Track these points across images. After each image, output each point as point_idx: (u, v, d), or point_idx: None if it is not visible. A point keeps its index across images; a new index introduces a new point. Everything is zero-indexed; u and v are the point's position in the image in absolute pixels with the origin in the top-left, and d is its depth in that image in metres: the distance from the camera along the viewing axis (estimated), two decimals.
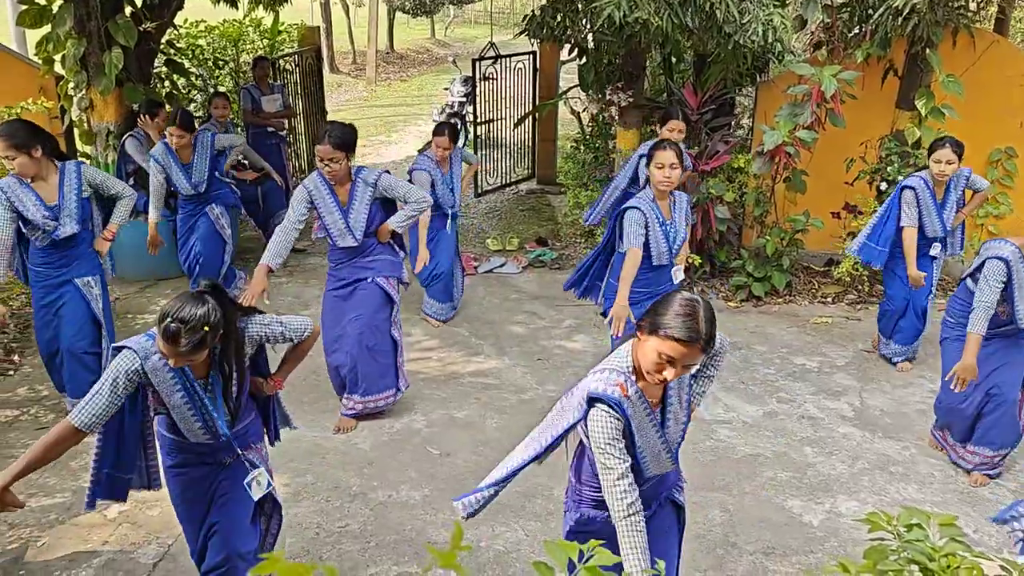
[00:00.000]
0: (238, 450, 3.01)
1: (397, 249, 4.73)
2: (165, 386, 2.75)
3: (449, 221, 6.12)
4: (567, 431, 2.53)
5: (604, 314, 4.61)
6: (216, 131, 6.82)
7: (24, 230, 4.37)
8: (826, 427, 4.84)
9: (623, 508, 2.36)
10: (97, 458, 2.94)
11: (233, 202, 6.32)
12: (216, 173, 6.08)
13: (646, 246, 4.32)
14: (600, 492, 2.52)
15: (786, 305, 6.57)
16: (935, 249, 5.24)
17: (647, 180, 4.42)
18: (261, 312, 3.01)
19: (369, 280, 4.59)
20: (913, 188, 5.09)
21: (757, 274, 6.52)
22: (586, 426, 2.44)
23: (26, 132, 4.22)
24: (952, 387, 4.07)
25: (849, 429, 4.82)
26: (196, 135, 5.89)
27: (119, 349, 2.72)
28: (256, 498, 3.04)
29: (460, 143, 6.16)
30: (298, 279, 7.09)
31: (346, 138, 4.32)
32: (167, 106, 6.52)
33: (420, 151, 6.65)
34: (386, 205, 4.57)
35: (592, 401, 2.41)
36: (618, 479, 2.37)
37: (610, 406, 2.38)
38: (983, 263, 4.02)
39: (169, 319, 2.55)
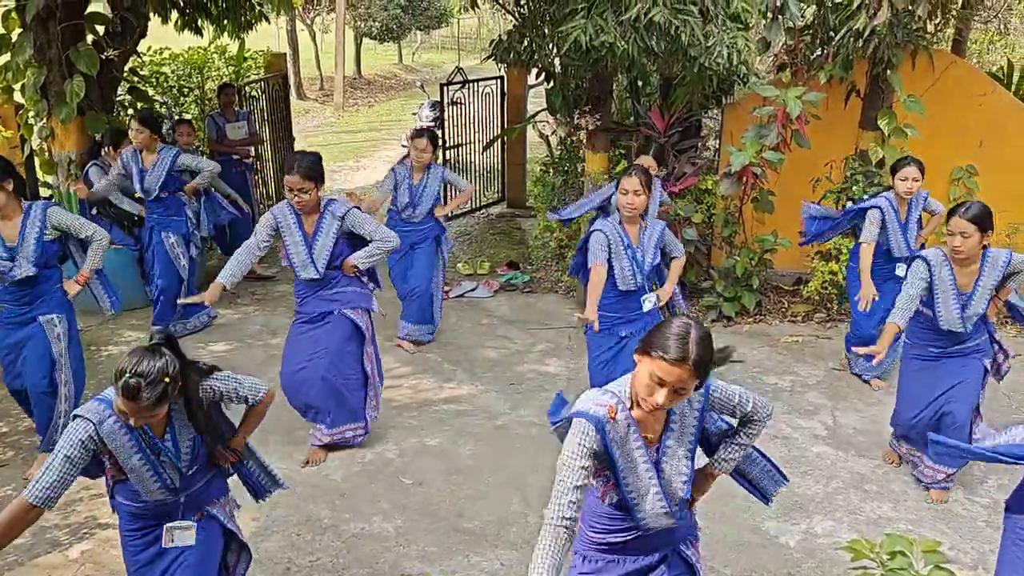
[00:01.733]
0: (203, 509, 2.91)
1: (367, 281, 4.66)
2: (122, 450, 2.62)
3: (428, 243, 6.08)
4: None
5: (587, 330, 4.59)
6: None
7: None
8: (800, 447, 4.84)
9: (555, 518, 2.25)
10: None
11: (185, 232, 6.25)
12: (176, 194, 6.15)
13: (610, 269, 4.35)
14: (602, 534, 2.51)
15: (756, 325, 6.60)
16: (900, 269, 5.29)
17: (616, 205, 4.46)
18: (218, 369, 2.89)
19: (335, 313, 4.51)
20: (880, 208, 5.15)
21: (727, 294, 6.55)
22: None
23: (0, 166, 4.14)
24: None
25: (823, 448, 4.83)
26: (161, 148, 6.02)
27: (74, 418, 2.60)
28: (165, 545, 2.86)
29: (441, 164, 6.08)
30: (266, 307, 6.99)
31: (315, 168, 4.26)
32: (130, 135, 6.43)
33: (400, 161, 6.60)
34: (353, 240, 4.48)
35: (574, 417, 2.37)
36: (563, 493, 2.27)
37: (588, 422, 2.33)
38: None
39: (128, 375, 2.45)
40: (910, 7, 5.32)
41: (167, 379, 2.51)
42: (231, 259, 4.38)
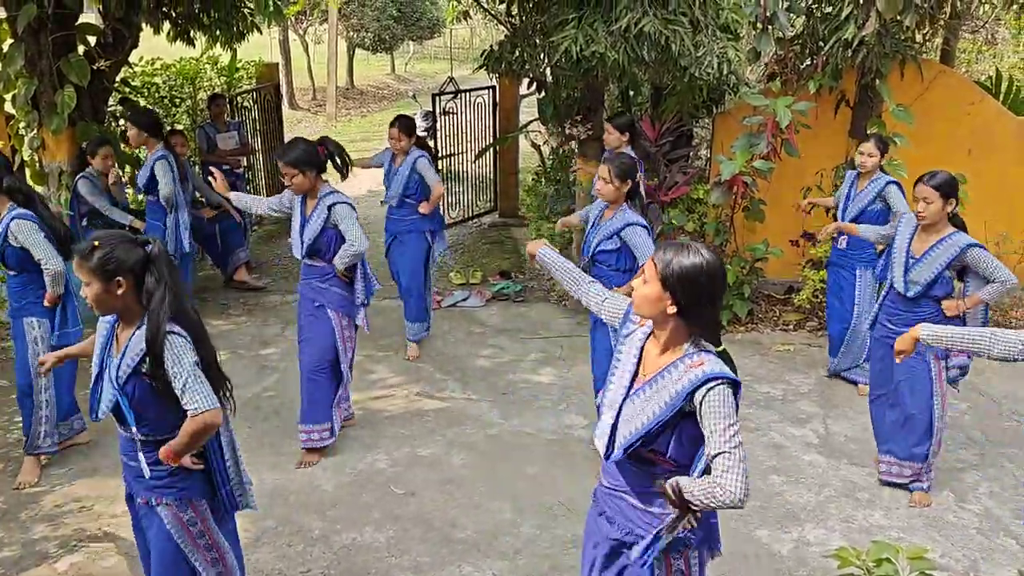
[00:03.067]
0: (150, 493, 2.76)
1: (358, 290, 4.69)
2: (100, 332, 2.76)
3: (412, 236, 6.10)
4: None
5: None
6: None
7: None
8: (792, 455, 4.85)
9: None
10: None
11: (158, 236, 6.31)
12: (149, 198, 6.32)
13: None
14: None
15: (748, 333, 6.61)
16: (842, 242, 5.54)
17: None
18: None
19: (322, 306, 4.65)
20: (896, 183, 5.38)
21: None
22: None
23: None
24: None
25: (814, 456, 4.83)
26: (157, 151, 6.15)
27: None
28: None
29: (424, 153, 6.04)
30: (257, 318, 6.98)
31: (297, 155, 4.40)
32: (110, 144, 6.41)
33: None
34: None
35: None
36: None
37: (625, 301, 2.63)
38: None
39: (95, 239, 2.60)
40: (898, 17, 5.36)
41: (96, 244, 2.57)
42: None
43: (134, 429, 2.68)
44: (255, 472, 4.51)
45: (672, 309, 2.33)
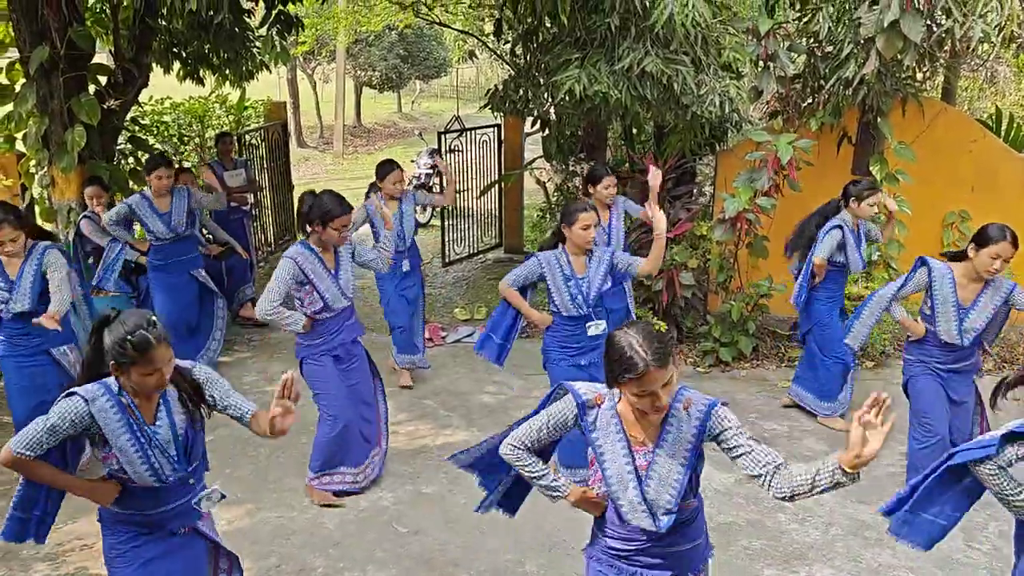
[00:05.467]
0: (194, 506, 2.90)
1: None
2: (112, 430, 2.67)
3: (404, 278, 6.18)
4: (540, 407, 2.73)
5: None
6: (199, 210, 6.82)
7: None
8: None
9: (513, 438, 2.70)
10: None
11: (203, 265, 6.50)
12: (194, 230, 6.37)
13: (551, 299, 4.50)
14: (610, 539, 2.64)
15: (754, 370, 6.59)
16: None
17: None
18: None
19: (355, 341, 4.67)
20: (842, 228, 5.30)
21: (724, 339, 6.55)
22: None
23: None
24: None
25: (821, 495, 4.77)
26: (173, 189, 6.16)
27: (69, 395, 2.67)
28: (205, 510, 2.96)
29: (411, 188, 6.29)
30: (263, 355, 6.98)
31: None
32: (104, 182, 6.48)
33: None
34: None
35: (566, 388, 2.63)
36: (528, 430, 2.67)
37: (572, 397, 2.58)
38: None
39: (127, 334, 2.57)
40: (898, 56, 5.42)
41: (153, 318, 2.65)
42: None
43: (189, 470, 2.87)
44: (258, 511, 4.50)
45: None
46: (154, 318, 2.65)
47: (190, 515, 2.92)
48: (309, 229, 4.43)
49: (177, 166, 8.21)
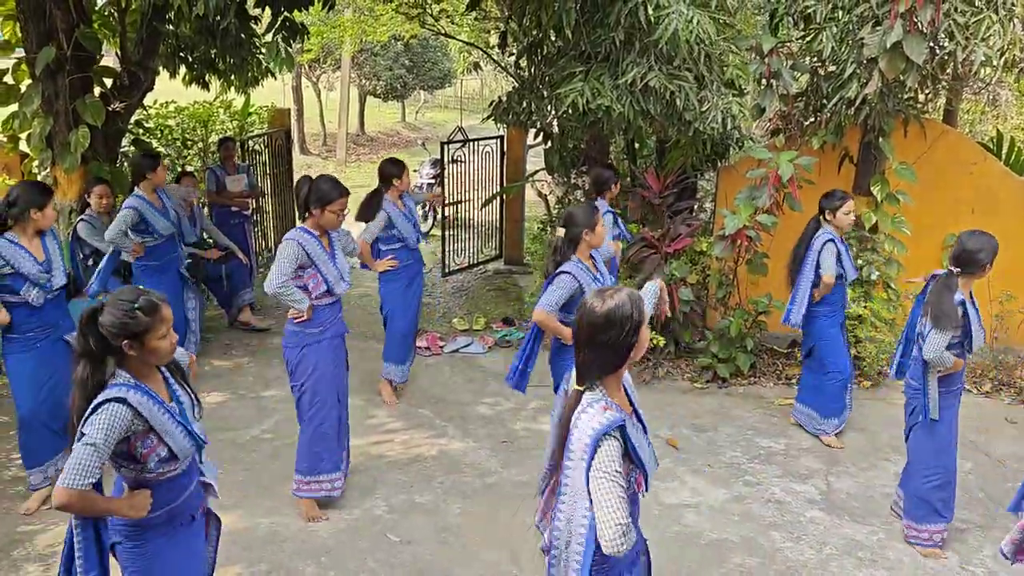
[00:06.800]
0: (204, 481, 2.98)
1: None
2: (153, 415, 2.66)
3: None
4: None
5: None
6: (182, 209, 6.82)
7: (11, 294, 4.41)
8: (793, 511, 4.79)
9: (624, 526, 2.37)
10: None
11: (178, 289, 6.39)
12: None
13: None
14: None
15: (751, 386, 6.58)
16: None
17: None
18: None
19: (343, 336, 4.67)
20: (834, 240, 5.35)
21: (721, 355, 6.55)
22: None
23: None
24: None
25: (816, 513, 4.77)
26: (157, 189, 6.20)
27: (98, 408, 2.58)
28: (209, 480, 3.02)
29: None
30: (260, 359, 6.98)
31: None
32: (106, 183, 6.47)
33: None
34: None
35: (600, 439, 2.42)
36: (621, 503, 2.37)
37: (613, 426, 2.43)
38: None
39: (132, 303, 2.60)
40: (900, 77, 5.44)
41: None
42: None
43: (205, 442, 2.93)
44: (250, 516, 4.48)
45: None
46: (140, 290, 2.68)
47: (200, 494, 2.97)
48: (307, 214, 4.43)
49: (180, 170, 8.25)
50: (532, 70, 6.63)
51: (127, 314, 2.58)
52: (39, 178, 6.68)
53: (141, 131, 8.17)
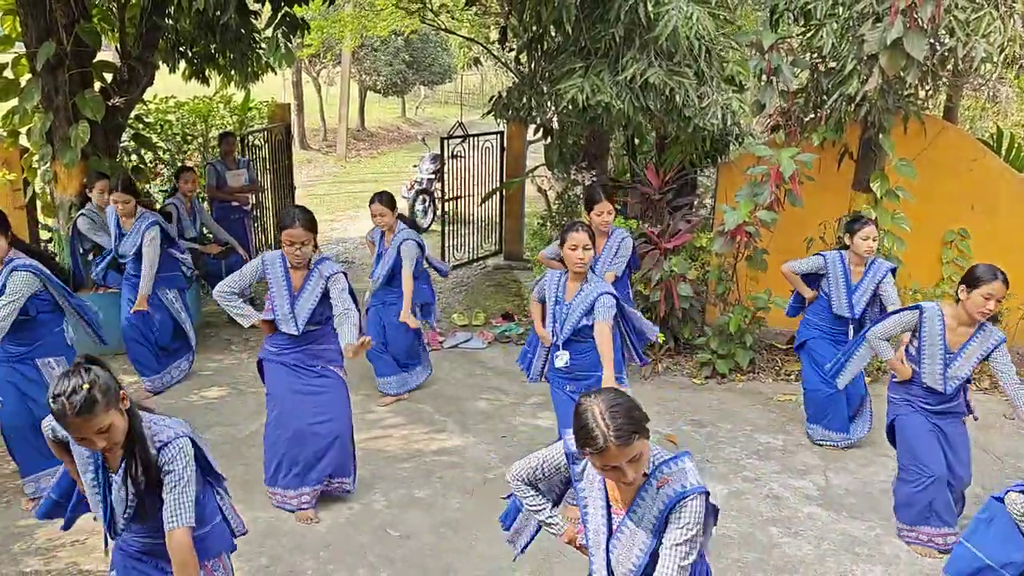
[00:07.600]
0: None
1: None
2: (80, 460, 2.63)
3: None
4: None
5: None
6: (181, 204, 6.82)
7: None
8: (791, 507, 4.80)
9: (512, 476, 2.81)
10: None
11: (181, 286, 6.25)
12: (171, 251, 6.10)
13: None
14: None
15: (750, 382, 6.59)
16: (851, 334, 5.27)
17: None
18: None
19: (320, 368, 4.47)
20: (824, 258, 5.30)
21: (721, 351, 6.56)
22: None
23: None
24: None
25: (814, 509, 4.78)
26: (138, 216, 5.86)
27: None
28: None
29: (410, 241, 5.81)
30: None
31: (314, 221, 4.26)
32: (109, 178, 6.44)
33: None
34: (326, 298, 4.37)
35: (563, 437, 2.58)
36: (525, 465, 2.76)
37: (564, 447, 2.57)
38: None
39: (51, 400, 2.38)
40: (900, 73, 5.43)
41: (87, 386, 2.38)
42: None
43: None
44: (249, 510, 4.49)
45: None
46: (75, 384, 2.38)
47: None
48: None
49: (180, 165, 8.26)
50: (532, 66, 6.64)
51: (50, 399, 2.41)
52: (39, 173, 6.69)
53: (141, 126, 8.17)
